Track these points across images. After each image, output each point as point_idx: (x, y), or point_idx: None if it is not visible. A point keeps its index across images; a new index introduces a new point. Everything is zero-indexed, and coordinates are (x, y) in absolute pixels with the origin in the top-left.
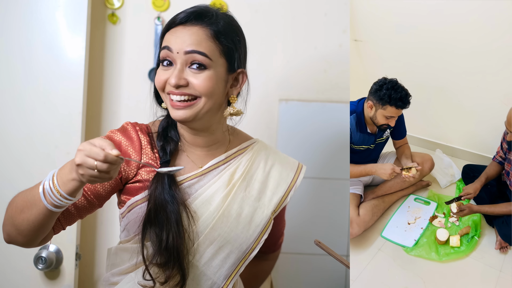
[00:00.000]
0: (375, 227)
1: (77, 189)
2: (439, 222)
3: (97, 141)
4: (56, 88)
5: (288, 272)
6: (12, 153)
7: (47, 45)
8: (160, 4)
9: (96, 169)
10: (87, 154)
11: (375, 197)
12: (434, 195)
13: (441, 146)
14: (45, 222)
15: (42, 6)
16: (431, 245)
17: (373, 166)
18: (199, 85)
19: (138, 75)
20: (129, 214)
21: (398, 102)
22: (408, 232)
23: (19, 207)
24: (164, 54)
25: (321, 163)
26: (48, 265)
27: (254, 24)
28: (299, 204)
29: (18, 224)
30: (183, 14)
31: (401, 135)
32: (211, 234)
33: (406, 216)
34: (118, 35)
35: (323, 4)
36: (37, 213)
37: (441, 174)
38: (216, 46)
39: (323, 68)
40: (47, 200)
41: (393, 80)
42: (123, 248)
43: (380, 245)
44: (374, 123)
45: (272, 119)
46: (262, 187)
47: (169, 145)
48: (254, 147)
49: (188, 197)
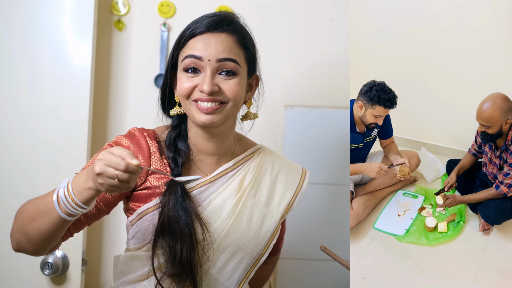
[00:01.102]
0: (367, 220)
1: (92, 198)
2: (427, 212)
3: (116, 150)
4: (62, 95)
5: (293, 277)
6: (18, 159)
7: (53, 52)
8: (166, 11)
9: (117, 178)
10: (108, 164)
11: (365, 193)
12: (422, 189)
13: (425, 144)
14: (57, 231)
15: (48, 13)
16: (421, 232)
17: (362, 165)
18: (230, 91)
19: (144, 82)
20: (139, 222)
21: (386, 102)
22: (399, 223)
23: (30, 216)
24: (190, 62)
25: (326, 168)
26: (54, 270)
27: (260, 30)
28: (305, 210)
29: (29, 233)
30: (207, 21)
31: (388, 134)
32: (224, 241)
33: (396, 209)
34: (124, 41)
35: (329, 10)
36: (50, 221)
37: (427, 170)
38: (242, 52)
39: (328, 74)
40: (61, 208)
41: (381, 83)
42: (134, 256)
43: (374, 235)
44: (363, 122)
45: (278, 125)
46: (270, 192)
47: (181, 157)
48: (260, 153)
49: (199, 205)
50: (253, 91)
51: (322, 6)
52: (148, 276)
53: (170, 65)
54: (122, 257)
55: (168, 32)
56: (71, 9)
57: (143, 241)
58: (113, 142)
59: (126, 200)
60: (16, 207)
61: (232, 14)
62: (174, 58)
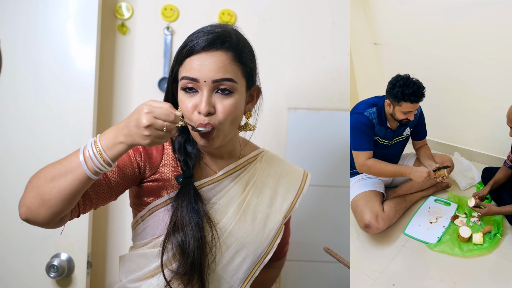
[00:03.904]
0: (397, 225)
1: (122, 153)
2: (460, 221)
3: (157, 103)
4: (66, 98)
5: (297, 279)
6: (22, 163)
7: (57, 56)
8: (169, 15)
9: (165, 128)
10: (156, 116)
11: (396, 196)
12: (455, 197)
13: (459, 149)
14: (77, 191)
15: (52, 17)
16: (454, 241)
17: (408, 167)
18: (224, 112)
19: (148, 85)
20: (150, 218)
21: (411, 97)
22: (431, 230)
23: (48, 176)
24: (187, 83)
25: (330, 171)
26: (60, 273)
27: (262, 34)
28: (308, 211)
29: (45, 193)
30: (203, 39)
31: (421, 136)
32: (228, 239)
33: (428, 216)
34: (127, 45)
35: (331, 13)
36: (72, 179)
37: (461, 177)
38: (238, 68)
39: (331, 77)
40: (88, 165)
41: (404, 77)
42: (140, 254)
43: (404, 241)
44: (395, 119)
45: (281, 128)
46: (273, 194)
47: (192, 159)
48: (263, 156)
49: (207, 202)
50: (254, 102)
51: (324, 9)
52: (155, 274)
53: (171, 78)
54: (128, 255)
55: (171, 35)
56: (75, 13)
57: (151, 236)
58: None
59: (135, 195)
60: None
61: (228, 29)
62: (174, 73)
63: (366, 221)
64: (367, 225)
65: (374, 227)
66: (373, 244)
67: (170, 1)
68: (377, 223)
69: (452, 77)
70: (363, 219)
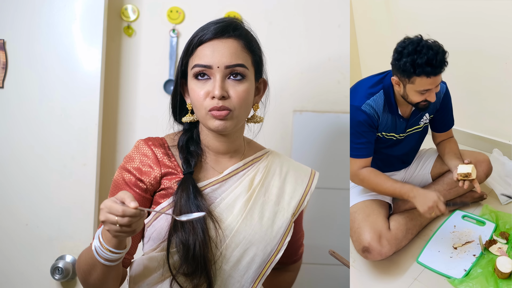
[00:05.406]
0: (409, 249)
1: (121, 242)
2: (499, 249)
3: (120, 194)
4: (72, 101)
5: (302, 282)
6: (27, 166)
7: (63, 58)
8: (175, 17)
9: (118, 223)
10: (108, 211)
11: (409, 209)
12: (491, 213)
13: (499, 145)
14: (113, 275)
15: (58, 19)
16: (488, 277)
17: (413, 188)
18: (237, 97)
19: (153, 87)
20: (155, 222)
21: (426, 68)
22: (455, 259)
23: (86, 271)
24: (200, 70)
25: (336, 173)
26: (64, 275)
27: (268, 35)
28: (314, 214)
29: (94, 285)
30: (214, 27)
31: (445, 125)
32: (236, 238)
33: (451, 238)
34: (133, 47)
35: (337, 15)
36: (101, 270)
37: (501, 185)
38: (249, 56)
39: (337, 79)
40: (101, 257)
41: (416, 39)
42: (148, 258)
43: (417, 273)
44: (409, 102)
45: (286, 130)
46: (280, 192)
47: (193, 158)
48: (269, 156)
49: (212, 202)
50: (260, 95)
51: (331, 11)
52: (163, 279)
53: (180, 73)
54: (136, 261)
55: (177, 38)
56: (80, 15)
57: (158, 241)
58: (125, 158)
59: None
60: (25, 214)
61: (237, 20)
62: (183, 65)
63: (364, 243)
64: (366, 249)
65: (375, 251)
66: (373, 274)
67: (176, 3)
68: (379, 246)
69: (490, 55)
70: (360, 240)
